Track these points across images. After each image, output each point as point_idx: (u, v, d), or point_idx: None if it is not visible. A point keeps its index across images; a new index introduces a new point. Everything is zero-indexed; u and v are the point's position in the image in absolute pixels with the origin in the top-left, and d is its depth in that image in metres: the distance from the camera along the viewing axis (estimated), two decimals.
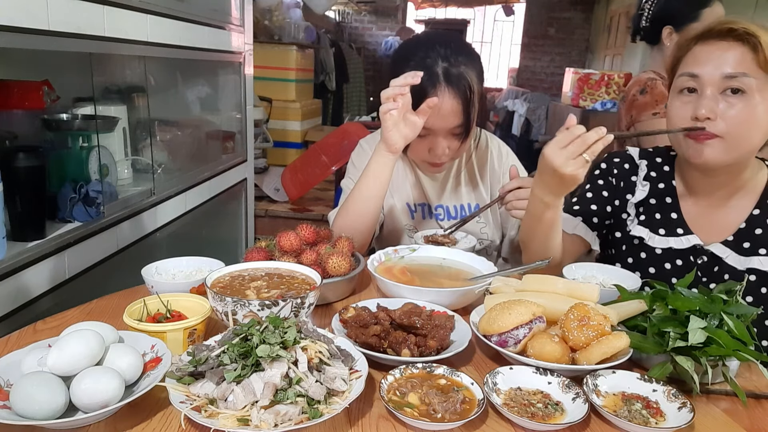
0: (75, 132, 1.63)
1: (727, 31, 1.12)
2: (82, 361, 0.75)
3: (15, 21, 1.21)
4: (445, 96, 1.35)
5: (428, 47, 1.38)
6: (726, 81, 1.11)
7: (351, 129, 3.05)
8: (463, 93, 1.36)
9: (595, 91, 6.16)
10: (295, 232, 1.20)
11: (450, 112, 1.37)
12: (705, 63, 1.13)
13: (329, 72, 5.98)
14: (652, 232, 1.28)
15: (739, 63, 1.10)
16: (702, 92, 1.14)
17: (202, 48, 2.21)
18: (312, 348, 0.79)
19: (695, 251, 1.24)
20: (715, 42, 1.14)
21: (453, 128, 1.40)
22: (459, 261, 1.30)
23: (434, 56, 1.36)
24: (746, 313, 0.94)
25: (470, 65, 1.38)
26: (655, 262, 1.27)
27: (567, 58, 9.11)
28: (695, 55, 1.16)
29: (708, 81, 1.13)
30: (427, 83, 1.34)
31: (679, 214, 1.27)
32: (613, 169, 1.37)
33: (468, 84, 1.36)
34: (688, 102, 1.16)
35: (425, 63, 1.36)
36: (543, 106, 7.70)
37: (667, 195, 1.30)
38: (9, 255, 1.29)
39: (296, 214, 3.07)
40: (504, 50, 10.82)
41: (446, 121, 1.38)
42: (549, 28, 9.18)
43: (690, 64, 1.17)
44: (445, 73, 1.35)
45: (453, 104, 1.36)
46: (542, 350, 0.89)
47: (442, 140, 1.42)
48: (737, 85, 1.10)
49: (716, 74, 1.12)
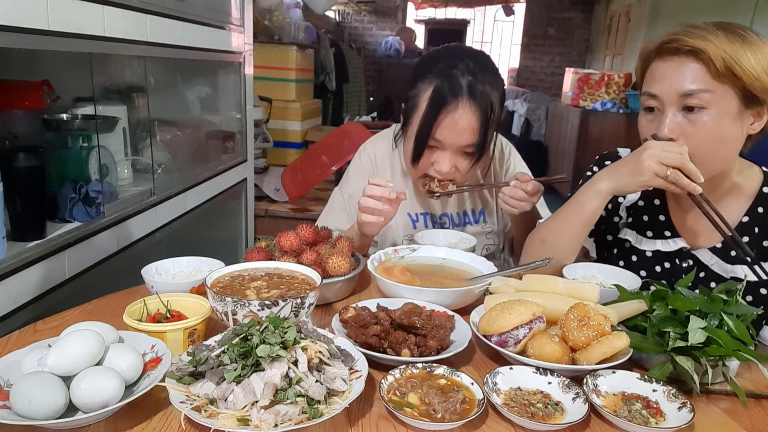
0: (75, 132, 1.63)
1: (675, 47, 1.09)
2: (82, 361, 0.75)
3: (15, 21, 1.21)
4: (466, 110, 1.30)
5: (457, 57, 1.33)
6: (684, 99, 1.09)
7: (351, 129, 3.05)
8: (484, 111, 1.30)
9: (595, 91, 6.16)
10: (295, 232, 1.20)
11: (467, 128, 1.31)
12: (661, 81, 1.12)
13: (329, 72, 5.98)
14: (639, 234, 1.29)
15: (693, 79, 1.07)
16: (663, 111, 1.12)
17: (202, 48, 2.21)
18: (312, 348, 0.79)
19: (681, 254, 1.24)
20: (669, 58, 1.11)
21: (466, 146, 1.34)
22: (459, 261, 1.30)
23: (462, 68, 1.31)
24: (746, 313, 0.94)
25: (495, 87, 1.33)
26: (645, 265, 1.27)
27: (567, 58, 9.11)
28: (653, 72, 1.15)
29: (667, 101, 1.11)
30: (449, 93, 1.29)
31: (666, 217, 1.27)
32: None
33: (490, 103, 1.31)
34: (653, 120, 1.15)
35: (451, 73, 1.31)
36: (543, 106, 7.70)
37: (655, 197, 1.30)
38: (9, 255, 1.29)
39: (296, 214, 3.07)
40: (504, 50, 10.82)
41: (461, 136, 1.32)
42: (549, 28, 9.18)
43: (649, 82, 1.15)
44: (470, 86, 1.30)
45: (471, 120, 1.30)
46: (542, 350, 0.89)
47: (450, 156, 1.36)
48: (695, 103, 1.08)
49: (673, 93, 1.09)
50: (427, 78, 1.34)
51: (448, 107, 1.29)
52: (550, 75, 9.26)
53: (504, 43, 10.83)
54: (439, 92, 1.30)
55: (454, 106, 1.29)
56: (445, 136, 1.32)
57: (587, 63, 9.00)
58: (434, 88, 1.31)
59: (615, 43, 7.76)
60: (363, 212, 1.27)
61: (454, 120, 1.30)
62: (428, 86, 1.33)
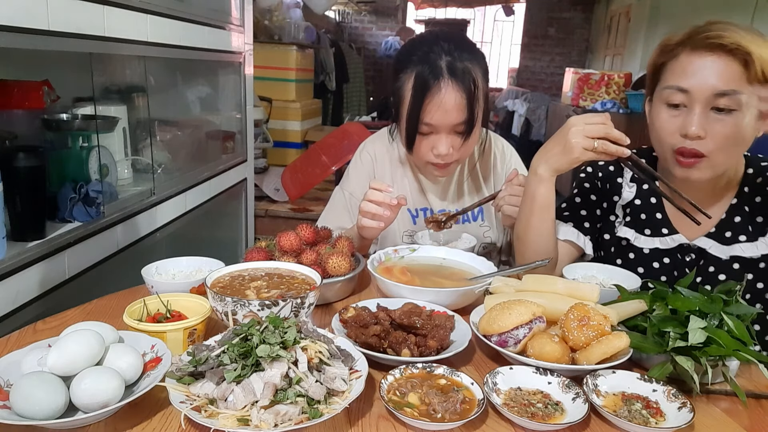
0: (75, 132, 1.63)
1: (717, 44, 1.06)
2: (82, 361, 0.75)
3: (15, 21, 1.21)
4: (449, 89, 1.31)
5: (432, 42, 1.36)
6: (716, 98, 1.06)
7: (351, 129, 3.05)
8: (468, 87, 1.32)
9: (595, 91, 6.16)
10: (295, 232, 1.20)
11: (453, 107, 1.33)
12: (694, 76, 1.08)
13: (329, 72, 5.98)
14: (637, 232, 1.29)
15: (730, 79, 1.05)
16: (691, 108, 1.09)
17: (202, 48, 2.21)
18: (312, 348, 0.79)
19: (682, 249, 1.24)
20: (705, 54, 1.08)
21: (457, 125, 1.36)
22: (459, 261, 1.30)
23: (438, 51, 1.33)
24: (746, 313, 0.94)
25: (475, 62, 1.35)
26: (643, 262, 1.28)
27: (567, 58, 9.11)
28: (682, 65, 1.11)
29: (698, 97, 1.08)
30: (430, 77, 1.31)
31: (663, 214, 1.28)
32: (598, 172, 1.37)
33: (473, 78, 1.33)
34: (677, 116, 1.12)
35: (429, 57, 1.33)
36: (543, 106, 7.70)
37: (651, 195, 1.30)
38: (9, 255, 1.29)
39: (296, 214, 3.07)
40: (504, 50, 10.81)
41: (450, 116, 1.34)
42: (549, 28, 9.18)
43: (678, 75, 1.11)
44: (449, 66, 1.32)
45: (456, 98, 1.32)
46: (542, 350, 0.89)
47: (445, 138, 1.38)
48: (726, 104, 1.06)
49: (706, 90, 1.07)
50: (408, 67, 1.35)
51: (432, 90, 1.31)
52: (550, 75, 9.26)
53: (504, 43, 10.82)
54: (420, 78, 1.31)
55: (437, 88, 1.31)
56: (435, 119, 1.34)
57: (587, 63, 9.00)
58: (415, 75, 1.33)
59: (615, 43, 7.76)
60: (363, 216, 1.28)
61: (439, 102, 1.31)
62: (410, 75, 1.35)
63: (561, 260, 1.32)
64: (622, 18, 7.51)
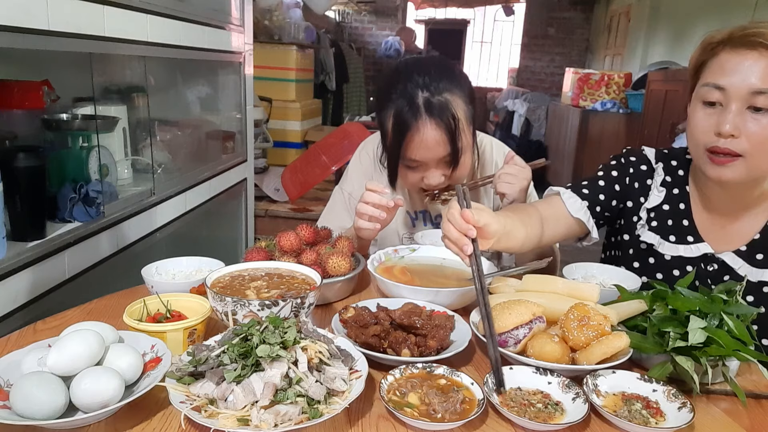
0: (75, 132, 1.63)
1: (758, 41, 1.03)
2: (82, 361, 0.75)
3: (15, 21, 1.21)
4: (428, 127, 1.30)
5: (407, 77, 1.33)
6: (753, 97, 1.03)
7: (351, 129, 3.05)
8: (447, 123, 1.29)
9: (595, 91, 6.17)
10: (295, 232, 1.20)
11: (435, 144, 1.31)
12: (731, 74, 1.06)
13: (329, 72, 5.98)
14: (662, 238, 1.24)
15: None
16: (727, 106, 1.06)
17: (202, 48, 2.21)
18: (312, 348, 0.79)
19: (706, 259, 1.20)
20: (743, 51, 1.05)
21: (442, 157, 1.35)
22: (459, 261, 1.29)
23: (413, 86, 1.31)
24: (746, 313, 0.94)
25: (455, 90, 1.32)
26: (663, 269, 1.24)
27: (567, 58, 9.11)
28: (721, 63, 1.08)
29: (734, 95, 1.05)
30: (408, 115, 1.30)
31: (690, 222, 1.23)
32: (629, 168, 1.31)
33: (452, 113, 1.30)
34: (712, 114, 1.09)
35: (406, 93, 1.31)
36: (543, 106, 7.70)
37: (680, 201, 1.26)
38: (9, 255, 1.29)
39: (296, 214, 3.07)
40: (504, 50, 10.80)
41: (433, 152, 1.33)
42: (549, 28, 9.18)
43: (716, 73, 1.09)
44: (426, 103, 1.30)
45: (436, 135, 1.30)
46: (542, 350, 0.89)
47: (434, 170, 1.37)
48: (765, 103, 1.03)
49: (743, 88, 1.04)
50: (389, 104, 1.34)
51: (411, 130, 1.30)
52: (550, 75, 9.26)
53: (504, 43, 10.82)
54: (399, 117, 1.30)
55: (416, 128, 1.30)
56: (419, 155, 1.34)
57: (587, 63, 9.01)
58: (394, 114, 1.32)
59: (615, 43, 7.77)
60: (359, 218, 1.28)
61: (420, 140, 1.31)
62: (390, 112, 1.34)
63: (567, 236, 1.30)
64: (622, 18, 7.52)
